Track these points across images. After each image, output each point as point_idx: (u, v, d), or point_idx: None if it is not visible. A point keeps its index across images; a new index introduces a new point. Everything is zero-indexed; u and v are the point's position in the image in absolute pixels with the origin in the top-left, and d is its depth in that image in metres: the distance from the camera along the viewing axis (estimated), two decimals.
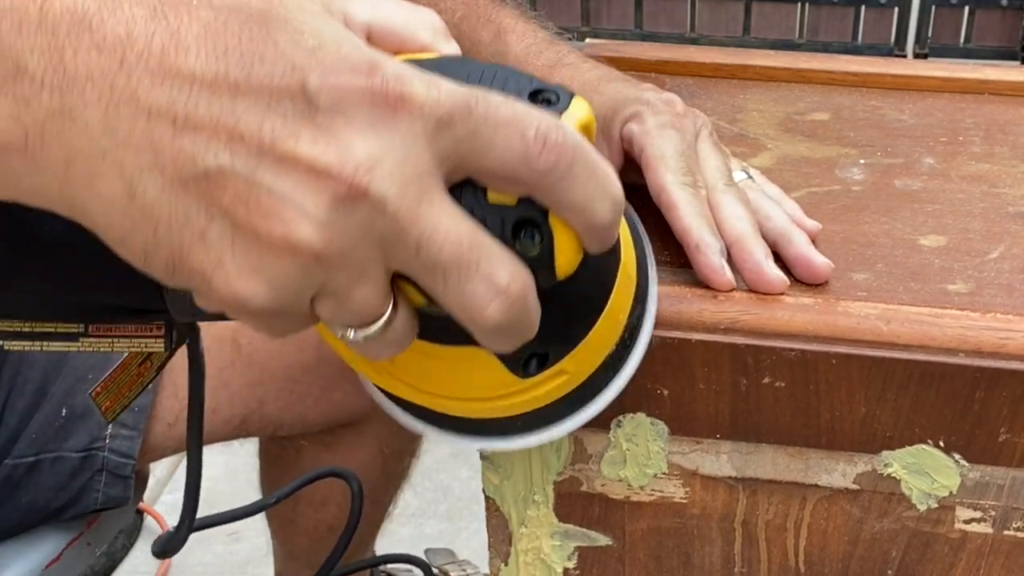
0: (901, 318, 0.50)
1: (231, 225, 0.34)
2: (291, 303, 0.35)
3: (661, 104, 0.57)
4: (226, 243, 0.34)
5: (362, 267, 0.35)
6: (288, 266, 0.34)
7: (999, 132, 0.68)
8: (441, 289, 0.36)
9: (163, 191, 0.34)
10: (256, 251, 0.34)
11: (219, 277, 0.34)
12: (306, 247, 0.34)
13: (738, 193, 0.55)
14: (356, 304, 0.36)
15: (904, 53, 2.66)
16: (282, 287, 0.35)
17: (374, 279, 0.36)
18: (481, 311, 0.36)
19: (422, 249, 0.35)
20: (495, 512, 0.58)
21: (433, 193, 0.35)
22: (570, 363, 0.44)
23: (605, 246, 0.39)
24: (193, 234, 0.34)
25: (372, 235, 0.34)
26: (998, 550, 0.55)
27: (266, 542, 1.26)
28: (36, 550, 0.94)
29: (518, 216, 0.37)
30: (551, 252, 0.38)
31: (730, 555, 0.58)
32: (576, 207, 0.37)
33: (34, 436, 0.92)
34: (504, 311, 0.36)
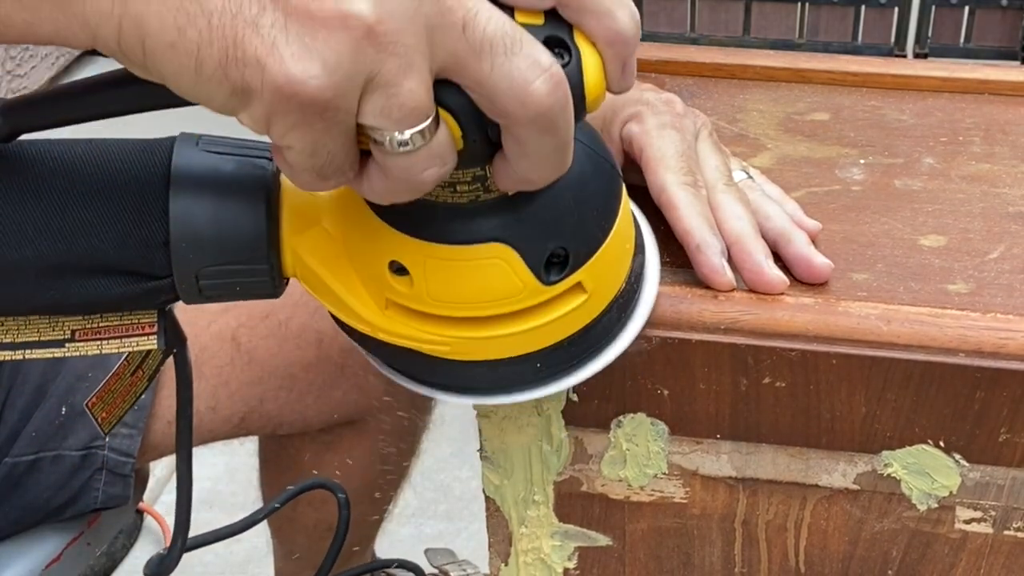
0: (901, 318, 0.50)
1: (284, 9, 0.35)
2: (343, 88, 0.36)
3: (661, 104, 0.57)
4: (279, 28, 0.35)
5: (410, 55, 0.36)
6: (341, 42, 0.35)
7: (999, 132, 0.68)
8: (488, 69, 0.36)
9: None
10: (309, 31, 0.35)
11: (274, 61, 0.35)
12: (359, 20, 0.35)
13: (738, 193, 0.55)
14: (404, 96, 0.36)
15: (904, 53, 2.66)
16: (335, 65, 0.35)
17: (419, 71, 0.36)
18: (528, 85, 0.37)
19: (467, 27, 0.36)
20: (495, 512, 0.58)
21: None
22: (587, 275, 0.44)
23: (625, 72, 0.40)
24: (246, 22, 0.35)
25: (419, 18, 0.35)
26: (998, 550, 0.55)
27: (266, 542, 1.26)
28: (36, 550, 0.94)
29: (546, 35, 0.38)
30: (580, 70, 0.39)
31: (730, 555, 0.58)
32: (601, 10, 0.39)
33: (34, 434, 0.92)
34: (551, 88, 0.37)
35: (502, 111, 0.37)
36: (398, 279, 0.44)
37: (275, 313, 0.98)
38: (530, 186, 0.40)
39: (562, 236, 0.43)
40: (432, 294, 0.44)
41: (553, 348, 0.46)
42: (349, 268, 0.45)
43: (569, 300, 0.45)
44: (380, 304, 0.45)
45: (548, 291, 0.44)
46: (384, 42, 0.35)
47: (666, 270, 0.54)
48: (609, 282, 0.46)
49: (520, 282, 0.43)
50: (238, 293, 0.46)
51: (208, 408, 0.97)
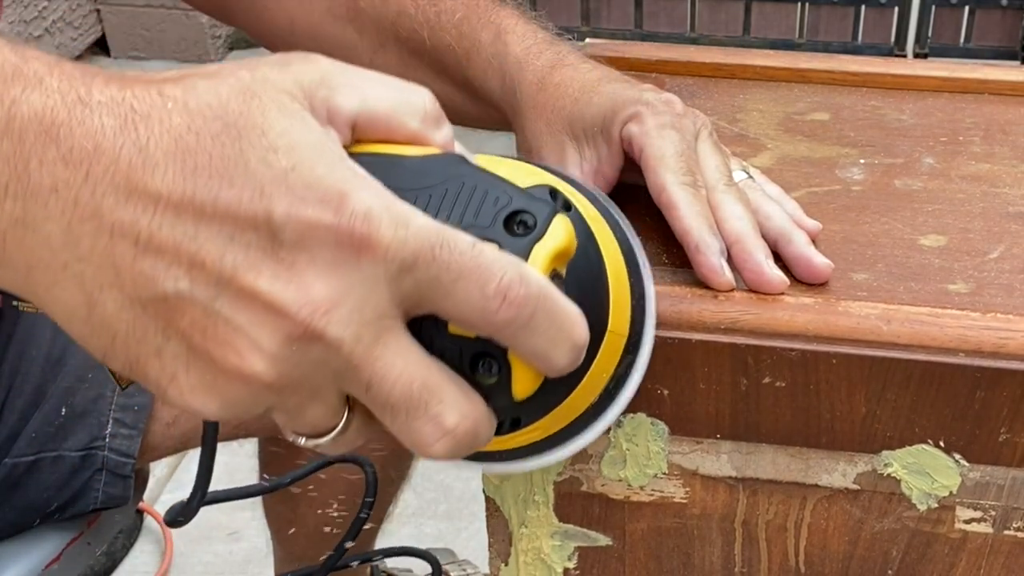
0: (901, 318, 0.50)
1: (187, 347, 0.35)
2: (244, 416, 0.37)
3: (661, 104, 0.57)
4: (180, 362, 0.35)
5: (314, 392, 0.36)
6: (240, 390, 0.35)
7: (999, 132, 0.68)
8: (390, 423, 0.37)
9: (122, 308, 0.34)
10: (210, 374, 0.35)
11: (173, 390, 0.35)
12: (257, 378, 0.35)
13: (738, 193, 0.55)
14: (308, 419, 0.37)
15: (904, 53, 2.66)
16: (234, 405, 0.36)
17: (326, 400, 0.37)
18: (427, 448, 0.37)
19: (372, 388, 0.36)
20: (495, 512, 0.58)
21: (389, 334, 0.36)
22: (545, 422, 0.44)
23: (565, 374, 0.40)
24: (149, 350, 0.35)
25: (325, 370, 0.35)
26: (998, 550, 0.55)
27: (266, 542, 1.26)
28: (36, 550, 0.94)
29: (476, 349, 0.38)
30: (509, 381, 0.39)
31: (730, 555, 0.58)
32: (534, 354, 0.38)
33: (34, 435, 0.92)
34: (450, 449, 0.37)
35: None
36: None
37: None
38: None
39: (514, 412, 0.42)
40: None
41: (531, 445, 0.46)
42: None
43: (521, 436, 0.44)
44: None
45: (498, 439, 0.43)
46: (284, 390, 0.36)
47: (666, 270, 0.54)
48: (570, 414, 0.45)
49: None
50: None
51: None
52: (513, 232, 0.38)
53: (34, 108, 0.33)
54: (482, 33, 0.66)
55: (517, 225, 0.38)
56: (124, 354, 0.35)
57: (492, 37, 0.65)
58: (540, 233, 0.38)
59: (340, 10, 0.73)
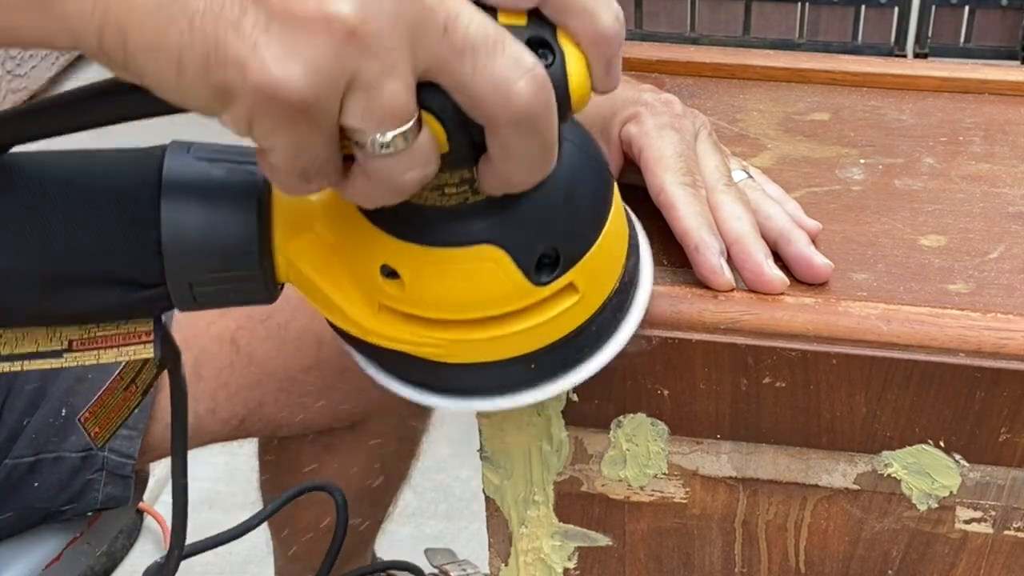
0: (901, 318, 0.50)
1: (266, 11, 0.35)
2: (325, 90, 0.35)
3: (660, 105, 0.57)
4: (261, 29, 0.35)
5: (392, 57, 0.36)
6: (324, 44, 0.35)
7: (999, 132, 0.68)
8: (471, 70, 0.36)
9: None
10: (292, 32, 0.35)
11: (255, 63, 0.35)
12: (341, 22, 0.34)
13: (738, 193, 0.55)
14: (386, 98, 0.36)
15: (904, 53, 2.66)
16: (318, 67, 0.35)
17: (402, 74, 0.36)
18: (511, 85, 0.36)
19: (449, 28, 0.36)
20: (495, 512, 0.58)
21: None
22: (579, 275, 0.44)
23: (609, 72, 0.40)
24: (228, 23, 0.35)
25: (402, 20, 0.35)
26: (998, 550, 0.55)
27: (266, 542, 1.26)
28: (36, 550, 0.94)
29: (529, 35, 0.38)
30: (564, 71, 0.39)
31: (730, 555, 0.58)
32: (584, 10, 0.38)
33: (33, 436, 0.92)
34: (534, 89, 0.37)
35: (485, 113, 0.37)
36: (389, 283, 0.44)
37: (275, 316, 0.98)
38: (514, 188, 0.40)
39: (552, 237, 0.43)
40: (422, 297, 0.44)
41: (547, 349, 0.46)
42: (341, 272, 0.45)
43: (561, 301, 0.45)
44: (372, 308, 0.45)
45: (540, 292, 0.44)
46: (366, 44, 0.35)
47: (666, 270, 0.54)
48: (602, 282, 0.46)
49: (511, 284, 0.43)
50: (232, 300, 0.46)
51: (207, 410, 0.97)
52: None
53: None
54: None
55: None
56: (203, 38, 0.35)
57: None
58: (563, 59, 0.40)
59: None
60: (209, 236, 0.44)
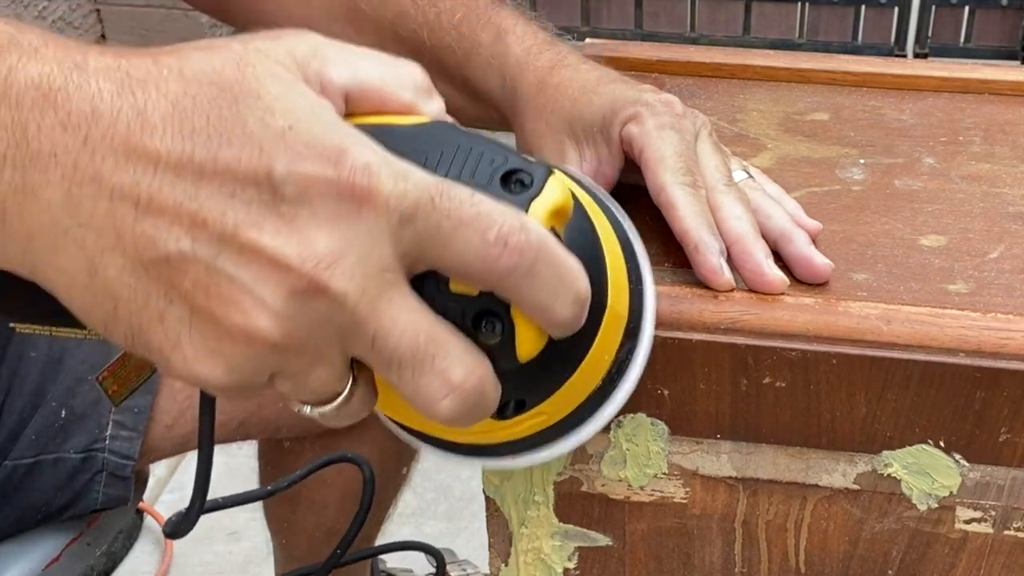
0: (901, 318, 0.50)
1: (190, 309, 0.34)
2: (249, 383, 0.36)
3: (660, 105, 0.57)
4: (184, 326, 0.34)
5: (319, 353, 0.36)
6: (245, 352, 0.35)
7: (999, 132, 0.68)
8: (396, 381, 0.36)
9: (123, 272, 0.34)
10: (214, 336, 0.34)
11: (177, 358, 0.35)
12: (262, 337, 0.34)
13: (738, 193, 0.55)
14: (313, 384, 0.37)
15: (904, 53, 2.66)
16: (239, 370, 0.35)
17: (331, 363, 0.36)
18: (434, 405, 0.37)
19: (377, 343, 0.35)
20: (495, 512, 0.58)
21: (393, 288, 0.35)
22: (549, 406, 0.44)
23: (569, 333, 0.39)
24: (152, 315, 0.34)
25: (330, 326, 0.35)
26: (998, 550, 0.55)
27: (266, 542, 1.26)
28: (36, 550, 0.94)
29: (479, 307, 0.38)
30: (512, 340, 0.39)
31: (730, 555, 0.58)
32: (537, 306, 0.37)
33: (33, 437, 0.92)
34: (457, 406, 0.37)
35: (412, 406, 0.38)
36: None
37: None
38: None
39: (519, 391, 0.42)
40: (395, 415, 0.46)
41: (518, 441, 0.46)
42: None
43: (526, 422, 0.44)
44: None
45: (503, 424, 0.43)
46: (289, 350, 0.35)
47: (666, 270, 0.54)
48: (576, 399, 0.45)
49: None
50: None
51: None
52: (511, 190, 0.38)
53: (31, 75, 0.33)
54: (482, 34, 0.66)
55: (514, 184, 0.38)
56: (127, 321, 0.35)
57: (492, 38, 0.65)
58: (537, 190, 0.38)
59: (339, 10, 0.73)
60: None
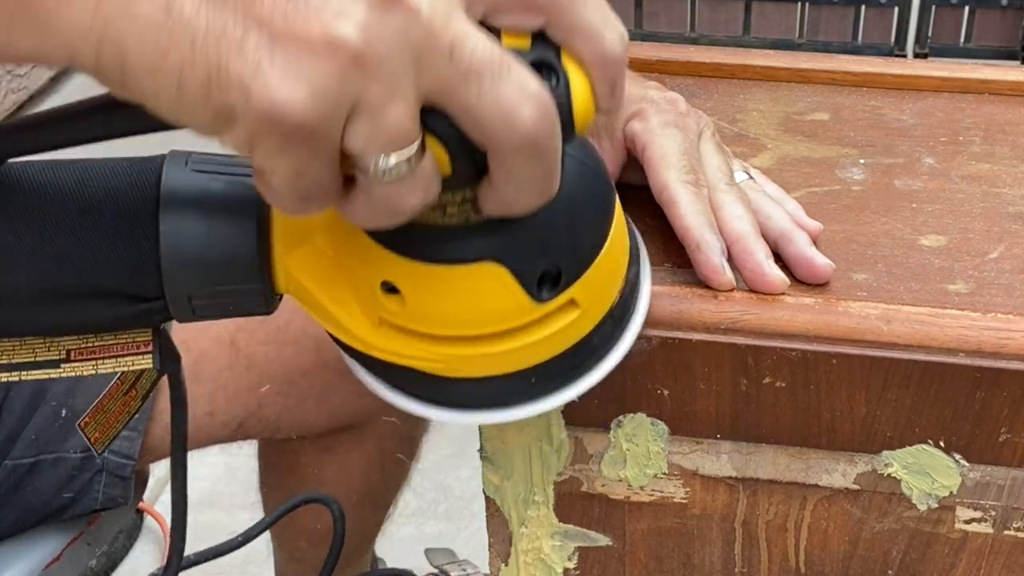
0: (901, 318, 0.50)
1: (270, 33, 0.34)
2: (328, 114, 0.35)
3: (664, 103, 0.57)
4: (264, 50, 0.34)
5: (396, 81, 0.35)
6: (327, 68, 0.34)
7: (999, 132, 0.68)
8: (475, 96, 0.36)
9: (200, 3, 0.34)
10: (295, 55, 0.34)
11: (258, 84, 0.34)
12: (345, 46, 0.34)
13: (739, 193, 0.55)
14: (390, 121, 0.36)
15: (904, 53, 2.66)
16: (321, 91, 0.34)
17: (406, 97, 0.36)
18: (516, 113, 0.36)
19: (455, 52, 0.35)
20: (495, 512, 0.58)
21: (460, 10, 0.36)
22: (580, 291, 0.44)
23: (614, 92, 0.40)
24: (231, 44, 0.34)
25: (407, 43, 0.35)
26: (999, 550, 0.55)
27: (266, 542, 1.26)
28: (36, 550, 0.94)
29: (533, 58, 0.38)
30: (568, 93, 0.39)
31: (730, 555, 0.58)
32: (587, 32, 0.38)
33: (33, 437, 0.92)
34: (538, 116, 0.36)
35: (489, 138, 0.37)
36: (389, 298, 0.43)
37: (274, 318, 0.98)
38: (516, 212, 0.40)
39: (554, 254, 0.43)
40: (423, 314, 0.44)
41: (548, 363, 0.45)
42: (341, 285, 0.45)
43: (562, 316, 0.44)
44: (372, 321, 0.44)
45: (541, 308, 0.43)
46: (371, 67, 0.35)
47: (666, 270, 0.54)
48: (603, 296, 0.46)
49: (512, 301, 0.43)
50: (231, 312, 0.46)
51: (206, 413, 0.97)
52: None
53: None
54: None
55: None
56: (204, 59, 0.34)
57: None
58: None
59: None
60: (209, 251, 0.44)
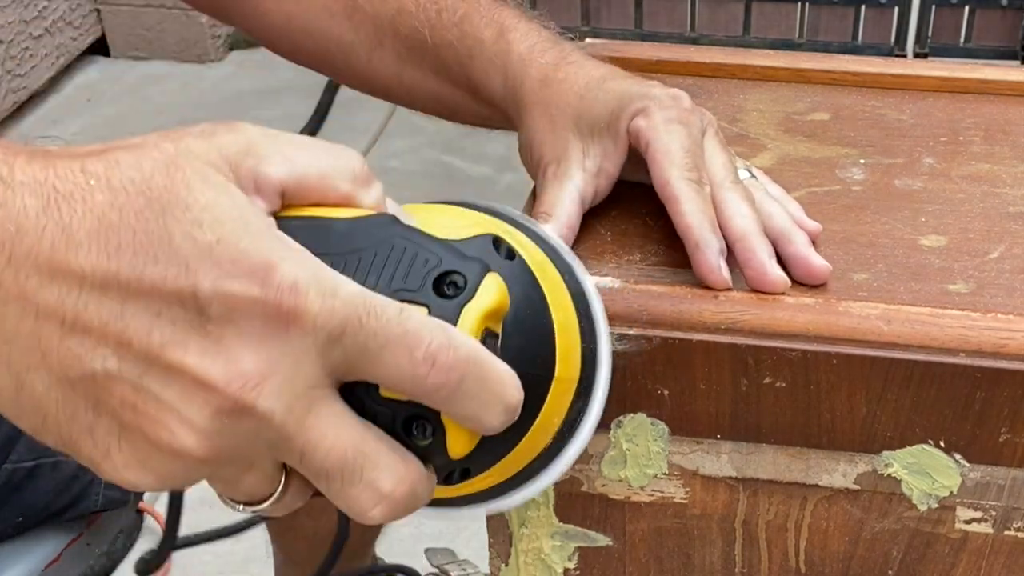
0: (902, 318, 0.50)
1: (118, 424, 0.35)
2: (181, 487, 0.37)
3: (668, 100, 0.57)
4: (113, 439, 0.35)
5: (249, 462, 0.36)
6: (173, 465, 0.35)
7: (999, 132, 0.68)
8: (326, 491, 0.37)
9: (50, 388, 0.34)
10: (142, 449, 0.35)
11: (107, 466, 0.35)
12: (189, 454, 0.35)
13: (743, 191, 0.54)
14: (245, 488, 0.37)
15: (904, 53, 2.66)
16: (169, 479, 0.36)
17: (261, 469, 0.37)
18: (364, 514, 0.37)
19: (306, 457, 0.36)
20: (495, 512, 0.58)
21: (321, 404, 0.36)
22: (495, 472, 0.44)
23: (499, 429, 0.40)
24: (81, 428, 0.35)
25: (258, 441, 0.35)
26: (999, 550, 0.55)
27: (266, 542, 1.26)
28: (36, 550, 0.94)
29: (409, 412, 0.38)
30: (443, 442, 0.39)
31: (731, 555, 0.58)
32: (466, 417, 0.38)
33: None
34: (387, 514, 0.37)
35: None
36: None
37: None
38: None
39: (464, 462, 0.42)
40: None
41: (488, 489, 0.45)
42: None
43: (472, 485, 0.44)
44: None
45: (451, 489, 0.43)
46: (217, 463, 0.36)
47: (666, 270, 0.54)
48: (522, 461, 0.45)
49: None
50: None
51: None
52: (443, 294, 0.38)
53: None
54: (484, 31, 0.66)
55: (447, 286, 0.38)
56: (56, 432, 0.35)
57: (495, 35, 0.65)
58: (470, 294, 0.38)
59: (337, 7, 0.73)
60: None
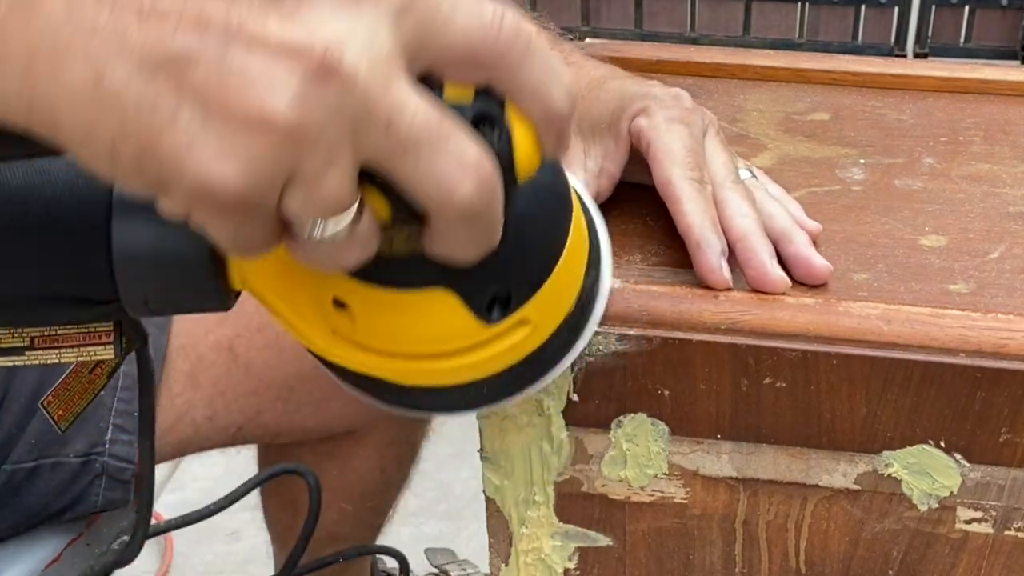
0: (902, 318, 0.50)
1: (202, 107, 0.33)
2: (263, 188, 0.34)
3: (669, 99, 0.57)
4: (197, 125, 0.33)
5: (332, 150, 0.35)
6: (261, 143, 0.33)
7: (999, 132, 0.68)
8: (412, 168, 0.35)
9: (131, 75, 0.33)
10: (229, 131, 0.33)
11: (191, 160, 0.33)
12: (279, 121, 0.33)
13: (744, 191, 0.54)
14: (326, 190, 0.35)
15: (904, 53, 2.66)
16: (255, 167, 0.34)
17: (343, 165, 0.35)
18: (453, 187, 0.35)
19: (392, 125, 0.35)
20: (495, 512, 0.58)
21: (399, 75, 0.35)
22: (532, 310, 0.44)
23: (560, 143, 0.39)
24: (163, 118, 0.33)
25: (343, 114, 0.34)
26: (999, 550, 0.55)
27: (266, 542, 1.26)
28: (36, 550, 0.94)
29: (476, 111, 0.37)
30: (510, 147, 0.38)
31: (731, 556, 0.58)
32: (534, 90, 0.37)
33: (33, 442, 0.92)
34: (476, 189, 0.36)
35: (428, 206, 0.36)
36: (340, 313, 0.43)
37: (273, 324, 0.98)
38: (457, 263, 0.39)
39: (504, 279, 0.42)
40: (372, 332, 0.44)
41: (499, 375, 0.46)
42: (297, 293, 0.45)
43: (513, 334, 0.44)
44: (327, 331, 0.45)
45: (491, 330, 0.43)
46: (305, 140, 0.34)
47: (667, 270, 0.54)
48: (556, 311, 0.46)
49: (461, 324, 0.43)
50: (188, 309, 0.46)
51: (205, 418, 0.97)
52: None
53: None
54: None
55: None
56: (136, 132, 0.33)
57: None
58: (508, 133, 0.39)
59: None
60: (161, 254, 0.43)
